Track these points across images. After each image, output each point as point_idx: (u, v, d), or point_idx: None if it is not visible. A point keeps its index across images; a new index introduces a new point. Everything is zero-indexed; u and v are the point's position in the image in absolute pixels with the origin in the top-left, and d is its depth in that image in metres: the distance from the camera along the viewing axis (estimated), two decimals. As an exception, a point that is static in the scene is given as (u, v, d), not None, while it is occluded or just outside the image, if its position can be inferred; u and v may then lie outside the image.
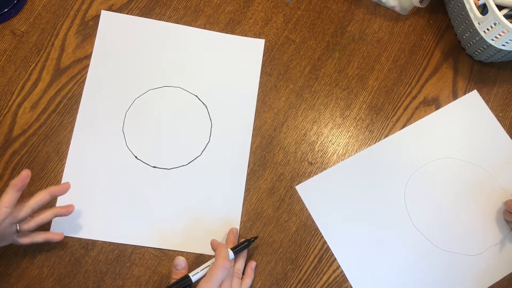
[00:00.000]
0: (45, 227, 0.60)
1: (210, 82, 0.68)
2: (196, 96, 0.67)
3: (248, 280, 0.60)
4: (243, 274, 0.60)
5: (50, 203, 0.61)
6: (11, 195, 0.53)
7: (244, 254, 0.60)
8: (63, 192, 0.58)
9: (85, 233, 0.61)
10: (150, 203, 0.63)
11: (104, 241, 0.61)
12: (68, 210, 0.59)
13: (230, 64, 0.69)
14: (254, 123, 0.67)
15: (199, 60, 0.69)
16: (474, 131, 0.69)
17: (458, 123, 0.69)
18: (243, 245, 0.59)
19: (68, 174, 0.63)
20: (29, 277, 0.60)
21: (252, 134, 0.66)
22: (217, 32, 0.70)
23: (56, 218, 0.60)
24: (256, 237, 0.61)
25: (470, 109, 0.70)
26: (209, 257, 0.61)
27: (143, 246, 0.61)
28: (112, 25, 0.69)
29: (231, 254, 0.57)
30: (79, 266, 0.60)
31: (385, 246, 0.63)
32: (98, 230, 0.61)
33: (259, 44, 0.70)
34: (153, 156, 0.64)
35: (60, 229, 0.61)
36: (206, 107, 0.67)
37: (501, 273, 0.63)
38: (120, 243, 0.61)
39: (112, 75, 0.67)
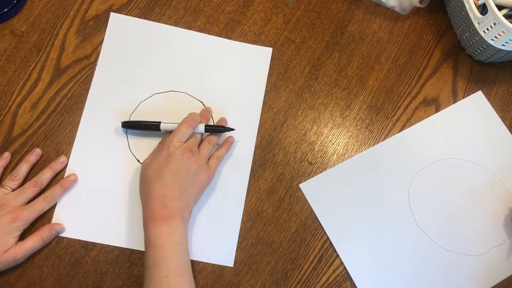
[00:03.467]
0: (44, 223, 0.60)
1: (216, 89, 0.67)
2: (201, 102, 0.67)
3: (223, 150, 0.63)
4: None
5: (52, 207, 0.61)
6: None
7: (219, 136, 0.64)
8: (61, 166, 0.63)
9: (84, 235, 0.61)
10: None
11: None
12: (73, 181, 0.62)
13: (237, 72, 0.68)
14: (254, 123, 0.67)
15: (206, 66, 0.68)
16: (479, 132, 0.69)
17: (463, 124, 0.69)
18: (217, 128, 0.63)
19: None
20: (29, 277, 0.60)
21: (252, 134, 0.66)
22: (225, 39, 0.69)
23: (55, 217, 0.61)
24: (232, 129, 0.63)
25: (475, 110, 0.69)
26: (208, 263, 0.61)
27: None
28: (120, 27, 0.68)
29: (201, 127, 0.61)
30: (79, 266, 0.60)
31: (388, 245, 0.63)
32: (98, 233, 0.61)
33: (266, 52, 0.69)
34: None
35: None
36: (211, 114, 0.67)
37: (503, 274, 0.63)
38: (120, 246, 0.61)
39: (118, 77, 0.67)
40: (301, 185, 0.65)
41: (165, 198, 0.56)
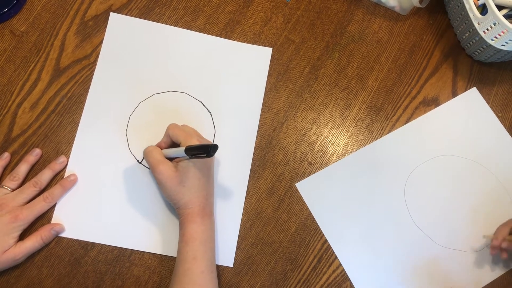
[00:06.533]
0: (43, 223, 0.60)
1: (216, 89, 0.67)
2: (201, 102, 0.67)
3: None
4: None
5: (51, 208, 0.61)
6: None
7: None
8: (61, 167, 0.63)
9: (84, 235, 0.61)
10: (151, 207, 0.62)
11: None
12: (73, 181, 0.62)
13: (237, 72, 0.68)
14: (253, 123, 0.67)
15: (206, 67, 0.68)
16: (474, 128, 0.69)
17: (457, 120, 0.69)
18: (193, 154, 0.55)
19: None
20: (29, 277, 0.60)
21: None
22: (225, 39, 0.69)
23: (55, 217, 0.61)
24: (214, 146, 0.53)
25: (470, 106, 0.70)
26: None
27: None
28: (120, 28, 0.68)
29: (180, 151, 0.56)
30: (78, 266, 0.60)
31: (385, 243, 0.64)
32: (98, 233, 0.61)
33: (266, 52, 0.69)
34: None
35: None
36: (211, 114, 0.67)
37: (499, 271, 0.64)
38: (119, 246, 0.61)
39: (118, 78, 0.66)
40: (297, 184, 0.65)
41: (207, 194, 0.59)
